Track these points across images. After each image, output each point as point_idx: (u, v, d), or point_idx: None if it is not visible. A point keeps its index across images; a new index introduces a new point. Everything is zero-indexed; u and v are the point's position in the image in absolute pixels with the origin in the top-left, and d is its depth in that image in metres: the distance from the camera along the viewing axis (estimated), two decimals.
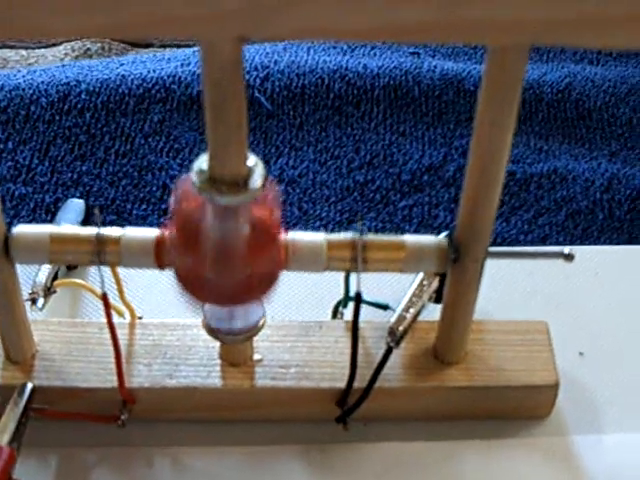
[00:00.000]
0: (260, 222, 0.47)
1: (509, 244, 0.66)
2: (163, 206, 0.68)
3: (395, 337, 0.52)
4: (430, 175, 0.71)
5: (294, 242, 0.48)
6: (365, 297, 0.57)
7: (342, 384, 0.53)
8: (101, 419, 0.53)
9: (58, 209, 0.67)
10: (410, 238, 0.49)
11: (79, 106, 0.74)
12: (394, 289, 0.60)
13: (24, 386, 0.52)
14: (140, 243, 0.48)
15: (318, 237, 0.48)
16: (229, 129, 0.43)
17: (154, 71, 0.77)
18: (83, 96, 0.74)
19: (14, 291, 0.50)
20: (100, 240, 0.48)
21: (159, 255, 0.48)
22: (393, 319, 0.53)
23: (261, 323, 0.52)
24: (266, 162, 0.70)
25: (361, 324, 0.55)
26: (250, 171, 0.45)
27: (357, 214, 0.68)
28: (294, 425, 0.54)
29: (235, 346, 0.53)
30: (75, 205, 0.63)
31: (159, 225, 0.53)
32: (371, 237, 0.49)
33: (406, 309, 0.53)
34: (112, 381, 0.52)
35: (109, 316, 0.50)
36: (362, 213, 0.67)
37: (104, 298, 0.50)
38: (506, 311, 0.60)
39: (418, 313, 0.54)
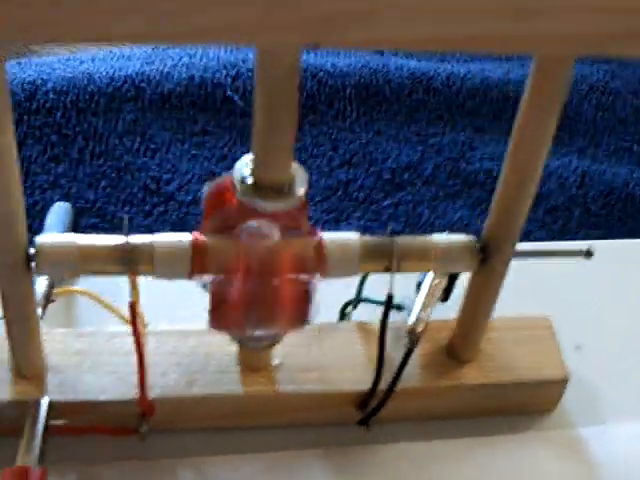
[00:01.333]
0: (294, 230, 0.47)
1: None
2: (147, 207, 0.67)
3: (415, 338, 0.53)
4: (410, 173, 0.71)
5: (328, 246, 0.48)
6: (372, 297, 0.58)
7: (363, 387, 0.53)
8: (120, 432, 0.51)
9: (38, 213, 0.64)
10: (440, 239, 0.49)
11: (47, 105, 0.71)
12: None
13: (39, 402, 0.50)
14: (175, 251, 0.47)
15: (352, 240, 0.48)
16: (281, 134, 0.42)
17: (120, 69, 0.75)
18: (51, 95, 0.72)
19: (31, 303, 0.49)
20: (132, 250, 0.46)
21: (197, 263, 0.46)
22: (411, 320, 0.53)
23: None
24: None
25: (372, 325, 0.56)
26: (294, 176, 0.45)
27: (343, 213, 0.68)
28: (315, 429, 0.54)
29: (255, 351, 0.52)
30: (63, 209, 0.61)
31: (142, 229, 0.52)
32: (403, 239, 0.49)
33: (423, 309, 0.54)
34: (130, 392, 0.51)
35: (135, 325, 0.49)
36: (349, 212, 0.68)
37: (132, 307, 0.48)
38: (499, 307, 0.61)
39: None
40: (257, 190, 0.44)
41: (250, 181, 0.44)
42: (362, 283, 0.56)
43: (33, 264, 0.46)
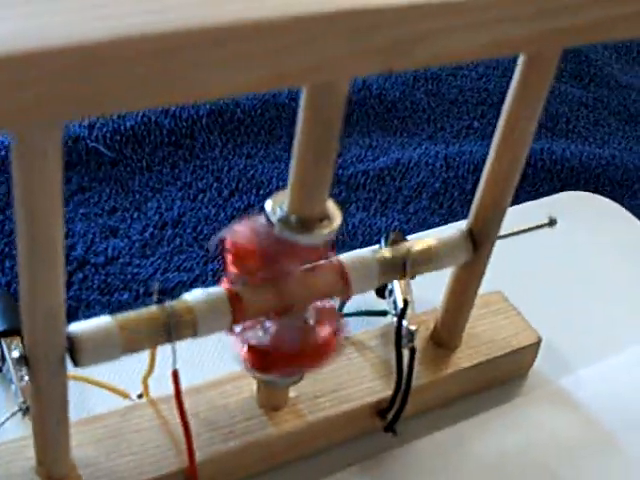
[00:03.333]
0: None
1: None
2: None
3: (414, 337, 0.55)
4: None
5: (349, 267, 0.48)
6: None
7: (378, 396, 0.54)
8: None
9: None
10: (441, 238, 0.51)
11: None
12: None
13: None
14: (213, 303, 0.45)
15: (369, 257, 0.49)
16: (327, 166, 0.43)
17: None
18: None
19: (66, 400, 0.44)
20: (172, 314, 0.44)
21: (237, 312, 0.45)
22: (406, 321, 0.55)
23: None
24: (136, 210, 0.68)
25: (360, 335, 0.58)
26: (329, 208, 0.45)
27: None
28: (344, 447, 0.54)
29: (274, 390, 0.52)
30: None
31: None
32: (411, 246, 0.50)
33: (410, 308, 0.56)
34: (169, 464, 0.49)
35: (179, 394, 0.47)
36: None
37: (175, 375, 0.46)
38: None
39: None
40: (298, 225, 0.44)
41: (293, 218, 0.44)
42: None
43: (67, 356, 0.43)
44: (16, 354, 0.43)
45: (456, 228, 0.53)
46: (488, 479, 0.53)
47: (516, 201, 0.66)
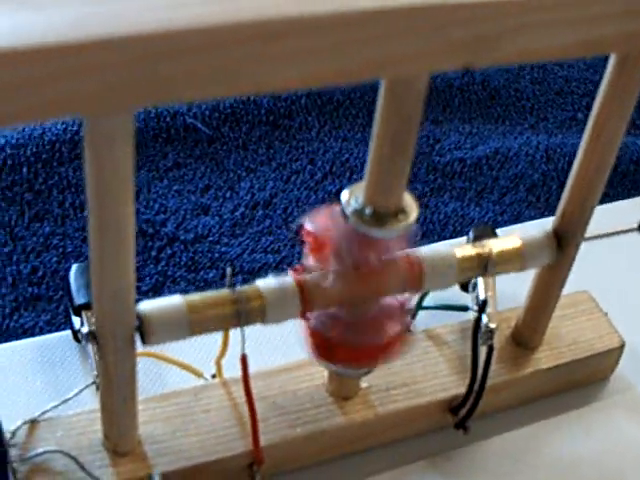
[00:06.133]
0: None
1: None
2: (153, 253, 0.64)
3: (493, 335, 0.54)
4: None
5: (427, 262, 0.48)
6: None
7: (451, 392, 0.53)
8: None
9: (40, 279, 0.60)
10: (524, 239, 0.50)
11: (9, 162, 0.66)
12: None
13: (152, 478, 0.47)
14: (283, 292, 0.45)
15: (449, 254, 0.48)
16: (405, 159, 0.42)
17: None
18: (8, 150, 0.67)
19: (134, 376, 0.46)
20: (241, 299, 0.45)
21: (307, 302, 0.45)
22: (485, 319, 0.54)
23: None
24: (229, 189, 0.68)
25: (439, 329, 0.57)
26: (405, 202, 0.44)
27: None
28: (413, 441, 0.54)
29: (346, 380, 0.52)
30: (84, 268, 0.57)
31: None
32: (493, 244, 0.49)
33: (491, 305, 0.55)
34: (236, 447, 0.49)
35: (246, 377, 0.47)
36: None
37: (243, 360, 0.47)
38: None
39: None
40: (373, 218, 0.44)
41: (368, 211, 0.43)
42: (425, 294, 0.56)
43: (137, 334, 0.44)
44: (86, 329, 0.44)
45: (544, 227, 0.51)
46: None
47: (605, 200, 0.64)
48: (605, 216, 0.61)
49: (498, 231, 0.60)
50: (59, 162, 0.68)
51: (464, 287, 0.59)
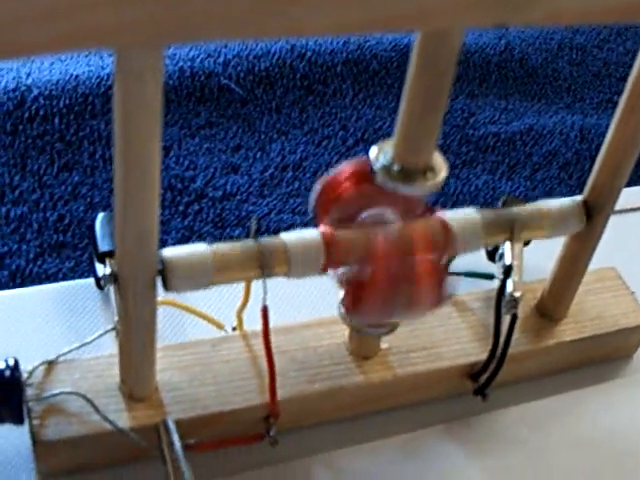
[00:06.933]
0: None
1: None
2: (180, 208, 0.64)
3: (517, 304, 0.53)
4: None
5: (454, 224, 0.47)
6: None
7: (473, 358, 0.53)
8: (251, 440, 0.49)
9: (67, 227, 0.61)
10: (552, 206, 0.50)
11: (41, 112, 0.67)
12: None
13: (167, 424, 0.47)
14: (308, 247, 0.45)
15: (474, 216, 0.48)
16: (436, 117, 0.42)
17: (104, 68, 0.71)
18: (41, 101, 0.67)
19: (153, 322, 0.46)
20: (266, 252, 0.44)
21: (330, 256, 0.45)
22: (510, 287, 0.53)
23: None
24: (260, 150, 0.68)
25: (463, 297, 0.56)
26: (434, 161, 0.44)
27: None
28: (432, 405, 0.54)
29: (366, 339, 0.52)
30: (111, 217, 0.57)
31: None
32: (520, 210, 0.49)
33: (517, 275, 0.54)
34: (253, 399, 0.49)
35: (267, 329, 0.47)
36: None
37: (264, 312, 0.46)
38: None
39: None
40: (400, 174, 0.43)
41: (396, 167, 0.43)
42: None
43: (159, 280, 0.44)
44: (108, 271, 0.44)
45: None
46: (575, 456, 0.52)
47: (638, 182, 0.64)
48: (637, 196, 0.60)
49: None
50: (91, 115, 0.68)
51: (491, 257, 0.59)
